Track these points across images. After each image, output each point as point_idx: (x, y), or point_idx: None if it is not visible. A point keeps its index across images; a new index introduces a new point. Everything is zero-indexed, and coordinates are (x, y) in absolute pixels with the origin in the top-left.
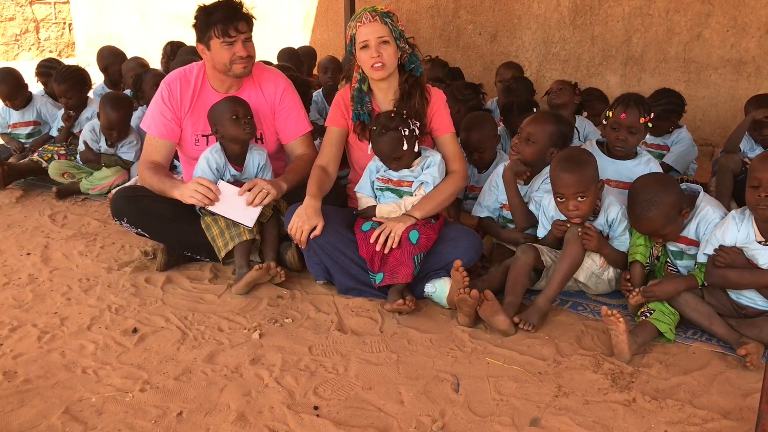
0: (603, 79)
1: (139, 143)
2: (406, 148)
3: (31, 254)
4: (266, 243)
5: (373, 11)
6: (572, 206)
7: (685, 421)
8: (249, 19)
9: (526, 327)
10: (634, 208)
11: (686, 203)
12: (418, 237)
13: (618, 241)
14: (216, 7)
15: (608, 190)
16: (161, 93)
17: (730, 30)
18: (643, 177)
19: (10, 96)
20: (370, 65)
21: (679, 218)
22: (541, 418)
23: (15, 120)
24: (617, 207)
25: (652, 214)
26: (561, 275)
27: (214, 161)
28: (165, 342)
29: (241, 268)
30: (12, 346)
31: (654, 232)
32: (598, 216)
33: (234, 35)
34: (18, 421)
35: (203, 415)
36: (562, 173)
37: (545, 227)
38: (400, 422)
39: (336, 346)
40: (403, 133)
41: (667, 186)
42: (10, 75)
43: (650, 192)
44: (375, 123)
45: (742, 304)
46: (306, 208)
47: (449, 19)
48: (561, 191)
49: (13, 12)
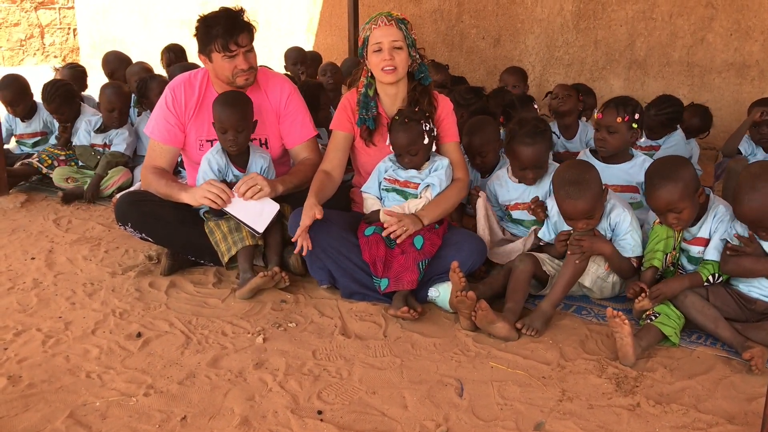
0: (606, 83)
1: (133, 138)
2: (426, 142)
3: (35, 259)
4: (270, 248)
5: (389, 16)
6: (582, 225)
7: (689, 425)
8: (250, 29)
9: (529, 332)
10: (653, 179)
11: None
12: (422, 243)
13: (621, 243)
14: (216, 20)
15: (611, 193)
16: (165, 98)
17: (733, 34)
18: (662, 156)
19: (12, 102)
20: (381, 68)
21: (695, 198)
22: (545, 423)
23: (21, 131)
24: (620, 210)
25: (671, 185)
26: (565, 281)
27: (216, 162)
28: (169, 346)
29: (246, 272)
30: (16, 351)
31: (671, 204)
32: (601, 220)
33: (234, 49)
34: (23, 425)
35: (207, 420)
36: (568, 200)
37: (549, 229)
38: (404, 426)
39: (340, 350)
40: (425, 128)
41: (683, 161)
42: (15, 81)
43: (668, 165)
44: (397, 115)
45: (752, 297)
46: (303, 207)
47: (452, 24)
48: (568, 216)
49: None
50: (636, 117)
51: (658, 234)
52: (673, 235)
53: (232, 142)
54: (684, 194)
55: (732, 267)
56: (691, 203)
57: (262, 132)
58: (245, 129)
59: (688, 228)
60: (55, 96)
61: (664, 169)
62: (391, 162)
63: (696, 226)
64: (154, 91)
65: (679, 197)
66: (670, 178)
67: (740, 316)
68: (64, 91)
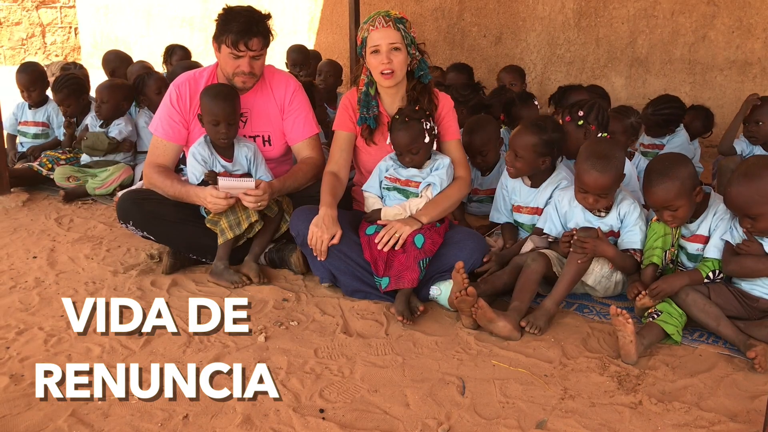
0: (608, 81)
1: (130, 127)
2: (427, 141)
3: (37, 257)
4: (258, 238)
5: (387, 16)
6: (592, 200)
7: (691, 423)
8: (266, 36)
9: (533, 330)
10: (650, 176)
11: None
12: (423, 241)
13: (628, 234)
14: (237, 16)
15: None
16: (170, 95)
17: (735, 31)
18: (662, 153)
19: (28, 87)
20: (379, 71)
21: (692, 196)
22: (547, 421)
23: (27, 118)
24: (629, 200)
25: (668, 183)
26: (568, 279)
27: (200, 154)
28: (171, 345)
29: (220, 260)
30: (19, 349)
31: (667, 202)
32: (611, 211)
33: (243, 51)
34: (25, 424)
35: (209, 418)
36: (592, 171)
37: (554, 224)
38: (406, 425)
39: (341, 348)
40: (425, 126)
41: (682, 159)
42: (34, 67)
43: (666, 162)
44: (398, 113)
45: (755, 295)
46: (323, 217)
47: (454, 21)
48: (585, 186)
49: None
50: (580, 114)
51: (656, 231)
52: (671, 231)
53: (224, 135)
54: (680, 192)
55: (734, 267)
56: (687, 201)
57: (265, 129)
58: (236, 122)
59: (687, 225)
60: (64, 87)
61: (662, 167)
62: (392, 161)
63: (695, 223)
64: (151, 88)
65: (675, 195)
66: (667, 176)
67: (742, 314)
68: (74, 83)
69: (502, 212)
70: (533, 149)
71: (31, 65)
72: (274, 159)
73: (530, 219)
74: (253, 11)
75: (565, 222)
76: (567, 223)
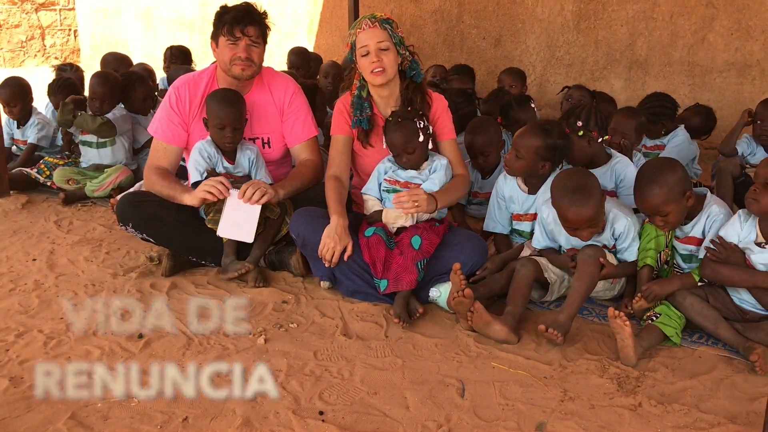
0: (607, 83)
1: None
2: (422, 140)
3: (36, 260)
4: (259, 240)
5: (372, 18)
6: (586, 234)
7: (691, 425)
8: (262, 25)
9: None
10: (640, 182)
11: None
12: (420, 242)
13: (626, 254)
14: (231, 9)
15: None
16: (169, 98)
17: (734, 33)
18: (653, 159)
19: (9, 102)
20: (370, 70)
21: (683, 200)
22: (546, 423)
23: (16, 136)
24: (624, 220)
25: (656, 189)
26: (580, 295)
27: (206, 151)
28: (170, 347)
29: (227, 256)
30: (18, 352)
31: (656, 208)
32: (604, 230)
33: (239, 36)
34: (24, 426)
35: (209, 421)
36: (573, 208)
37: (541, 239)
38: (406, 427)
39: (341, 350)
40: (419, 125)
41: (672, 165)
42: (16, 82)
43: (655, 168)
44: (391, 115)
45: (745, 309)
46: (335, 227)
47: (453, 24)
48: (571, 223)
49: (18, 19)
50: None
51: (648, 232)
52: (663, 233)
53: (229, 139)
54: (668, 198)
55: (709, 273)
56: (677, 206)
57: (265, 131)
58: (241, 127)
59: (680, 226)
60: (60, 90)
61: (651, 172)
62: (391, 163)
63: (688, 225)
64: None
65: (663, 201)
66: (655, 182)
67: (740, 317)
68: (69, 86)
69: (497, 221)
70: (536, 152)
71: (12, 80)
72: (273, 161)
73: (531, 226)
74: (248, 4)
75: (553, 237)
76: (556, 237)
